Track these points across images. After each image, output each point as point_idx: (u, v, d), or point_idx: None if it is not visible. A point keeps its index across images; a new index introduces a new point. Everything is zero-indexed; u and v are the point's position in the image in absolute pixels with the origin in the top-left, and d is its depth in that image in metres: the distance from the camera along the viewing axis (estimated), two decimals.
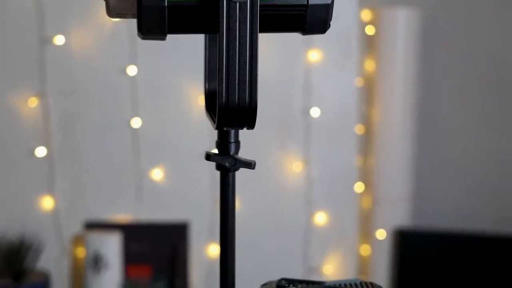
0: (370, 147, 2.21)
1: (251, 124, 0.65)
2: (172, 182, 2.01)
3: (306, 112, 2.03)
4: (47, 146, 1.96)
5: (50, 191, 1.97)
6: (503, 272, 2.23)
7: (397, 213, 2.22)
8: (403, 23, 2.13)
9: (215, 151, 0.69)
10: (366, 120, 2.20)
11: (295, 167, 2.05)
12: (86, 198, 2.00)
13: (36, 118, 1.95)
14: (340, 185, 2.09)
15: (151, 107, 1.98)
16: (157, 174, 2.00)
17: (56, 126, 1.96)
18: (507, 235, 2.22)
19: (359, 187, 2.15)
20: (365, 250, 2.22)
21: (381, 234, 2.20)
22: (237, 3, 0.64)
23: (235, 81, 0.63)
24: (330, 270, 2.08)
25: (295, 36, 0.78)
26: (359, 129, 2.15)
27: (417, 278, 2.25)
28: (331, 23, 0.72)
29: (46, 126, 1.96)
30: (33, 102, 1.93)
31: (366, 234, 2.22)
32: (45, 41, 1.90)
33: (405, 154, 2.22)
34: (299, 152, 2.05)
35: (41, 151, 1.95)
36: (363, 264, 2.22)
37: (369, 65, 2.18)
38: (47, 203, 1.98)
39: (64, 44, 1.91)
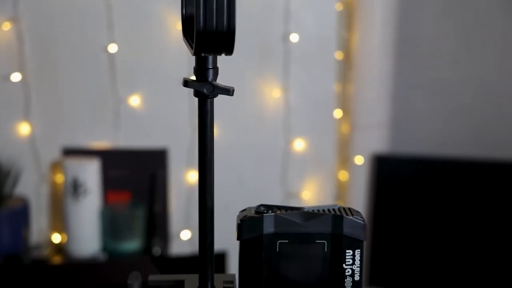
0: (349, 73, 2.20)
1: (229, 50, 0.64)
2: (150, 108, 2.00)
3: (285, 37, 2.01)
4: (22, 72, 1.93)
5: (27, 117, 1.95)
6: (479, 196, 2.27)
7: (375, 139, 2.23)
8: None
9: (193, 77, 0.68)
10: (346, 46, 2.18)
11: (274, 93, 2.04)
12: (63, 124, 1.99)
13: (10, 42, 1.91)
14: (319, 111, 2.09)
15: (128, 33, 1.95)
16: (135, 100, 1.98)
17: (31, 51, 1.93)
18: (484, 160, 2.25)
19: (337, 113, 2.15)
20: (343, 175, 2.24)
21: (359, 160, 2.21)
22: None
23: (213, 5, 0.62)
24: (308, 195, 2.10)
25: None
26: (338, 54, 2.13)
27: (394, 203, 2.28)
28: None
29: (20, 51, 1.92)
30: (6, 26, 1.89)
31: (344, 160, 2.24)
32: None
33: (384, 80, 2.21)
34: (278, 78, 2.04)
35: (16, 77, 1.92)
36: (341, 189, 2.24)
37: None
38: (24, 129, 1.96)
39: None
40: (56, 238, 2.01)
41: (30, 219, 1.96)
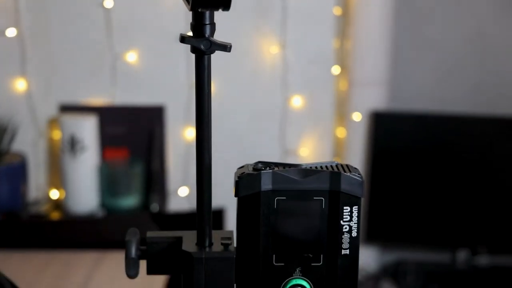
0: (348, 29, 2.18)
1: (226, 5, 0.63)
2: (147, 65, 1.99)
3: None
4: (17, 27, 1.91)
5: (23, 73, 1.94)
6: (476, 152, 2.27)
7: (373, 96, 2.22)
8: None
9: (190, 33, 0.67)
10: (344, 1, 2.16)
11: (271, 50, 2.03)
12: (59, 80, 1.98)
13: None
14: (317, 67, 2.08)
15: None
16: (131, 57, 1.97)
17: (27, 6, 1.91)
18: (480, 116, 2.24)
19: (336, 69, 2.14)
20: (341, 132, 2.24)
21: (357, 116, 2.21)
22: None
23: None
24: (306, 152, 2.10)
25: None
26: (336, 10, 2.11)
27: (392, 160, 2.28)
28: None
29: (16, 6, 1.90)
30: None
31: (342, 117, 2.24)
32: None
33: (383, 36, 2.19)
34: (276, 34, 2.02)
35: (11, 32, 1.90)
36: (339, 146, 2.25)
37: None
38: (20, 85, 1.95)
39: None
40: (54, 194, 2.02)
41: (28, 175, 1.97)
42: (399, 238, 2.35)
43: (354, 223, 0.69)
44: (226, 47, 0.66)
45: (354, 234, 0.69)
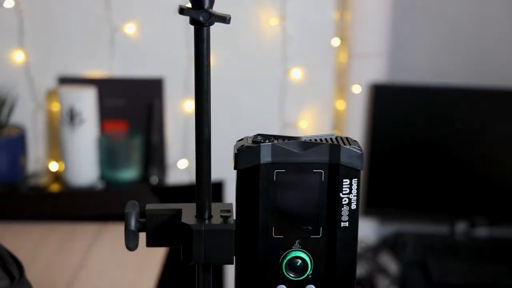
0: (347, 1, 2.16)
1: None
2: (146, 37, 1.98)
3: None
4: None
5: (21, 44, 1.93)
6: (476, 123, 2.27)
7: (373, 68, 2.22)
8: None
9: (189, 5, 0.66)
10: None
11: (271, 21, 2.01)
12: (57, 52, 1.97)
13: None
14: (316, 40, 2.07)
15: None
16: (130, 28, 1.96)
17: None
18: (480, 88, 2.24)
19: (335, 41, 2.13)
20: (340, 105, 2.24)
21: (357, 89, 2.21)
22: None
23: None
24: (305, 125, 2.10)
25: None
26: None
27: (392, 133, 2.28)
28: None
29: None
30: None
31: (342, 89, 2.23)
32: None
33: (382, 7, 2.18)
34: (275, 6, 2.00)
35: (9, 3, 1.89)
36: (338, 119, 2.24)
37: None
38: (18, 56, 1.94)
39: None
40: (54, 166, 2.02)
41: (27, 148, 1.97)
42: (398, 210, 2.36)
43: (354, 196, 0.69)
44: (225, 19, 0.66)
45: (353, 206, 0.69)
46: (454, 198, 2.31)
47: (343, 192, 0.68)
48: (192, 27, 0.67)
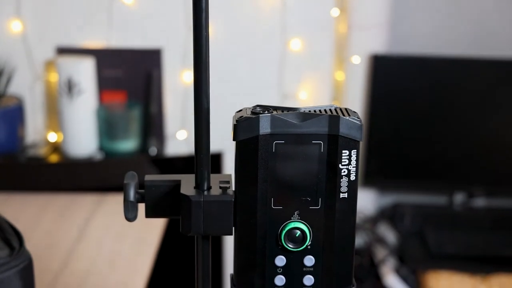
0: None
1: None
2: (144, 7, 1.96)
3: None
4: None
5: (18, 14, 1.92)
6: (475, 94, 2.27)
7: (373, 39, 2.20)
8: None
9: None
10: None
11: None
12: (55, 22, 1.95)
13: None
14: (316, 10, 2.06)
15: None
16: None
17: None
18: (480, 58, 2.23)
19: (335, 12, 2.11)
20: (340, 76, 2.23)
21: (356, 59, 2.20)
22: None
23: None
24: (304, 96, 2.09)
25: None
26: None
27: (391, 104, 2.28)
28: None
29: None
30: None
31: (341, 60, 2.22)
32: None
33: None
34: None
35: None
36: (337, 90, 2.24)
37: None
38: (15, 26, 1.93)
39: None
40: (52, 137, 2.01)
41: (26, 118, 1.96)
42: (397, 181, 2.36)
43: (353, 167, 0.68)
44: None
45: (352, 177, 0.69)
46: (453, 169, 2.31)
47: (342, 163, 0.68)
48: None
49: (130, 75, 1.99)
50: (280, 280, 0.70)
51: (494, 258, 2.17)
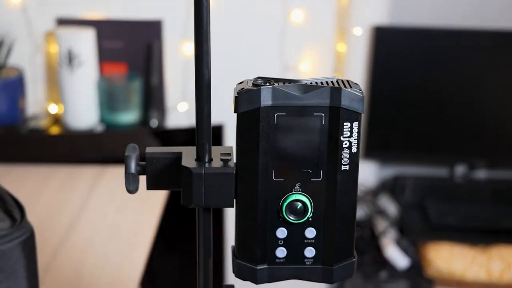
0: None
1: None
2: None
3: None
4: None
5: None
6: (478, 66, 2.26)
7: (375, 10, 2.19)
8: None
9: None
10: None
11: None
12: None
13: None
14: None
15: None
16: None
17: None
18: (482, 30, 2.22)
19: None
20: (341, 47, 2.22)
21: (358, 31, 2.18)
22: None
23: None
24: (306, 68, 2.08)
25: None
26: None
27: (393, 76, 2.27)
28: None
29: None
30: None
31: (343, 32, 2.21)
32: None
33: None
34: None
35: None
36: (339, 61, 2.22)
37: None
38: None
39: None
40: (53, 108, 2.01)
41: (26, 90, 1.96)
42: (398, 153, 2.36)
43: (354, 139, 0.68)
44: None
45: (354, 150, 0.68)
46: (454, 141, 2.31)
47: (344, 135, 0.68)
48: None
49: (130, 47, 1.97)
50: (281, 252, 0.70)
51: (495, 230, 2.18)
